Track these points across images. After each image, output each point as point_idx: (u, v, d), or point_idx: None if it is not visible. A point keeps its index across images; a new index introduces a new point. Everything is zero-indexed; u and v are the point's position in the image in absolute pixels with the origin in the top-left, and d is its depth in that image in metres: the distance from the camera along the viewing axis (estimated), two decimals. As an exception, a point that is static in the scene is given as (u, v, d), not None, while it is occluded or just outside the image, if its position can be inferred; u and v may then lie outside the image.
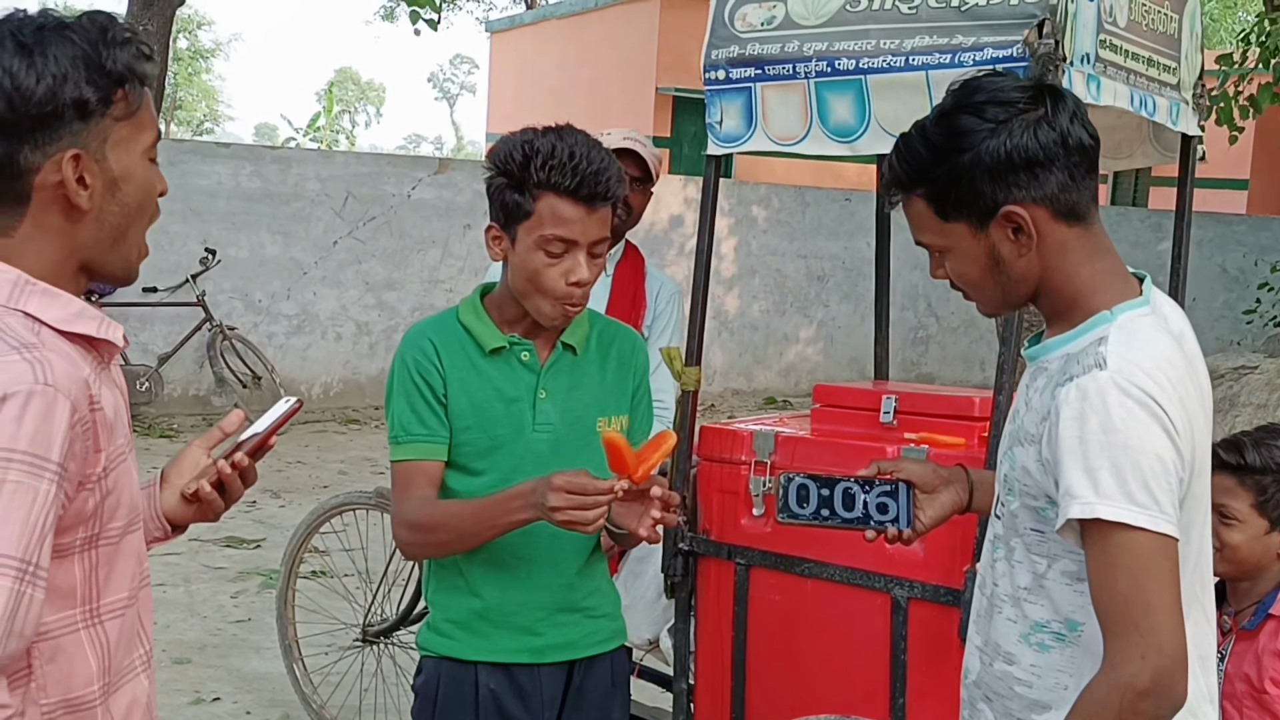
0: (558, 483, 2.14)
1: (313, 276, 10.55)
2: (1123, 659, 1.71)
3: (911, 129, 1.96)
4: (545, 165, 2.28)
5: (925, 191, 1.92)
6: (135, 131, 1.61)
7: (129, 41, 1.59)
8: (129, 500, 1.65)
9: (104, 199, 1.59)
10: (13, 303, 1.54)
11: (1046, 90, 1.88)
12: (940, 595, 2.94)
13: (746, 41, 3.23)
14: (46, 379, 1.46)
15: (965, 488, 2.24)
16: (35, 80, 1.51)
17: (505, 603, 2.45)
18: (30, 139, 1.52)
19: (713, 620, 3.31)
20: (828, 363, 13.18)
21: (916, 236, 1.99)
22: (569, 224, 2.31)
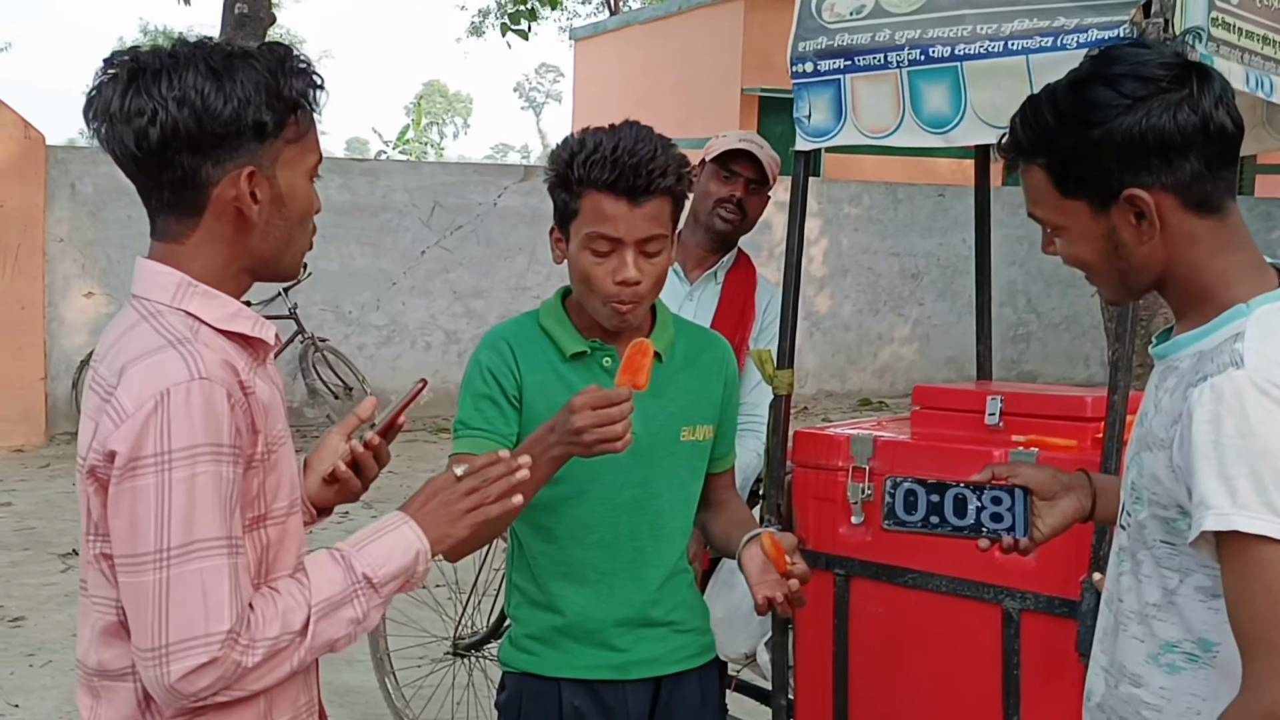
0: (579, 402, 2.05)
1: (401, 287, 10.59)
2: (1263, 683, 1.58)
3: (1041, 93, 1.82)
4: (586, 161, 2.23)
5: (1046, 162, 1.79)
6: (302, 153, 1.76)
7: (304, 71, 1.75)
8: (290, 482, 1.79)
9: (271, 213, 1.74)
10: (175, 302, 1.70)
11: (1193, 69, 1.73)
12: (1055, 607, 2.79)
13: (835, 32, 3.12)
14: (200, 371, 1.62)
15: (1088, 494, 2.10)
16: (223, 102, 1.66)
17: (587, 618, 2.37)
18: (213, 155, 1.68)
19: (811, 633, 3.19)
20: (924, 362, 12.96)
21: (1031, 208, 1.86)
22: (611, 220, 2.22)
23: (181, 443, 1.59)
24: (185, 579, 1.59)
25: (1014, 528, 2.04)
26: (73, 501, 8.06)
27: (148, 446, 1.58)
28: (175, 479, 1.58)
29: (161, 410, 1.59)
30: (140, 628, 1.61)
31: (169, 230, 1.74)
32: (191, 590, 1.59)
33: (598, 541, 2.35)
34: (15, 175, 9.47)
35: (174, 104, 1.65)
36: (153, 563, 1.59)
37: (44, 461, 9.21)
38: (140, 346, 1.66)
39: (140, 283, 1.75)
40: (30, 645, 5.50)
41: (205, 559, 1.60)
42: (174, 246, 1.73)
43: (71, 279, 9.82)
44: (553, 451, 2.11)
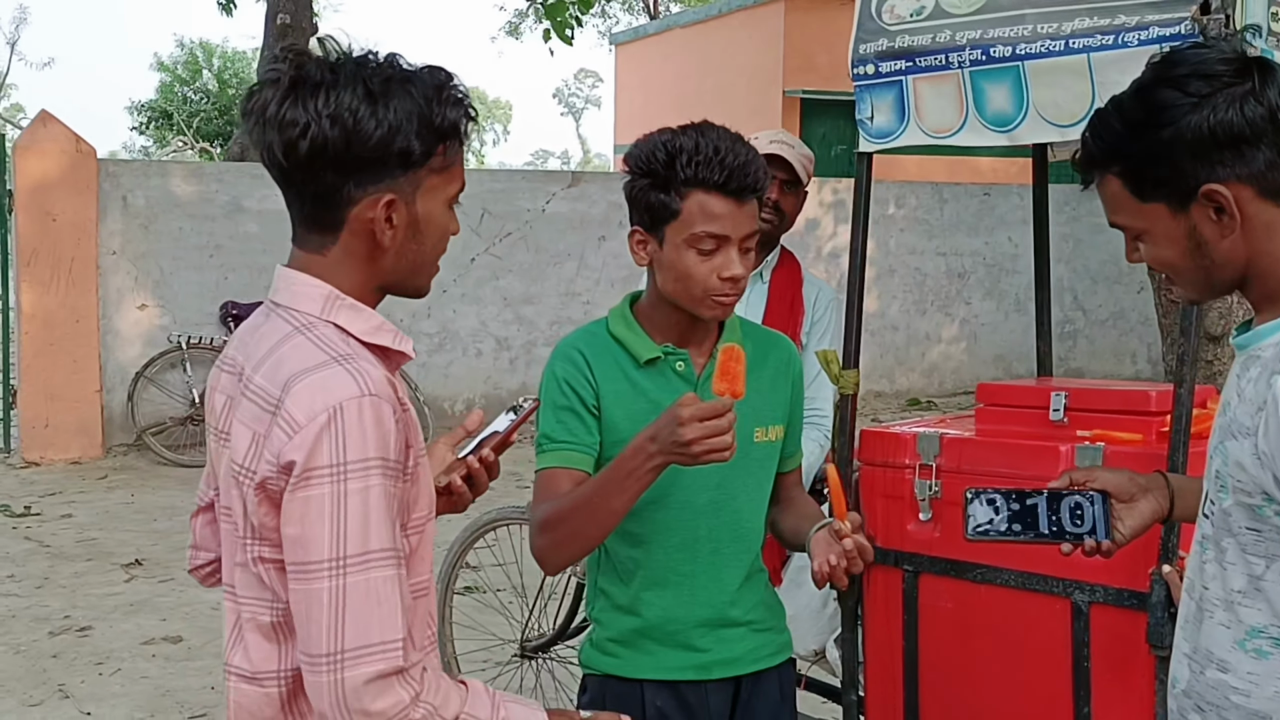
0: (687, 414, 2.05)
1: (452, 294, 10.66)
2: None
3: (1108, 104, 1.86)
4: (691, 162, 2.24)
5: (1121, 170, 1.83)
6: (445, 183, 1.77)
7: (459, 102, 1.75)
8: (428, 491, 1.83)
9: (405, 239, 1.76)
10: (326, 315, 1.73)
11: (1254, 63, 1.77)
12: (1125, 599, 2.80)
13: (896, 34, 3.15)
14: (370, 389, 1.65)
15: (1165, 495, 2.13)
16: (374, 126, 1.67)
17: (668, 620, 2.40)
18: (356, 177, 1.70)
19: (881, 630, 3.21)
20: (972, 361, 12.90)
21: (1111, 218, 1.89)
22: (720, 220, 2.26)
23: (356, 455, 1.61)
24: (361, 588, 1.61)
25: (1095, 531, 2.07)
26: (133, 513, 8.25)
27: (322, 457, 1.61)
28: (351, 490, 1.61)
29: (336, 424, 1.61)
30: (313, 634, 1.62)
31: (309, 241, 1.77)
32: (368, 599, 1.62)
33: (678, 544, 2.39)
34: (68, 189, 9.58)
35: (327, 121, 1.66)
36: (328, 571, 1.61)
37: (101, 473, 9.32)
38: (302, 360, 1.68)
39: (285, 292, 1.76)
40: (99, 654, 5.59)
41: (380, 569, 1.63)
42: (315, 258, 1.76)
43: (125, 292, 9.93)
44: (654, 461, 2.12)
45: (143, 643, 5.74)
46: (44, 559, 7.16)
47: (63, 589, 6.59)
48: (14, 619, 6.09)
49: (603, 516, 2.21)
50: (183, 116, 31.30)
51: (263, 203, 9.87)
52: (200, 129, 30.83)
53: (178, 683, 5.25)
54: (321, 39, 1.74)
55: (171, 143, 30.63)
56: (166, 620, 6.05)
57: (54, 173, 9.57)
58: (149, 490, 8.82)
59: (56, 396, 9.60)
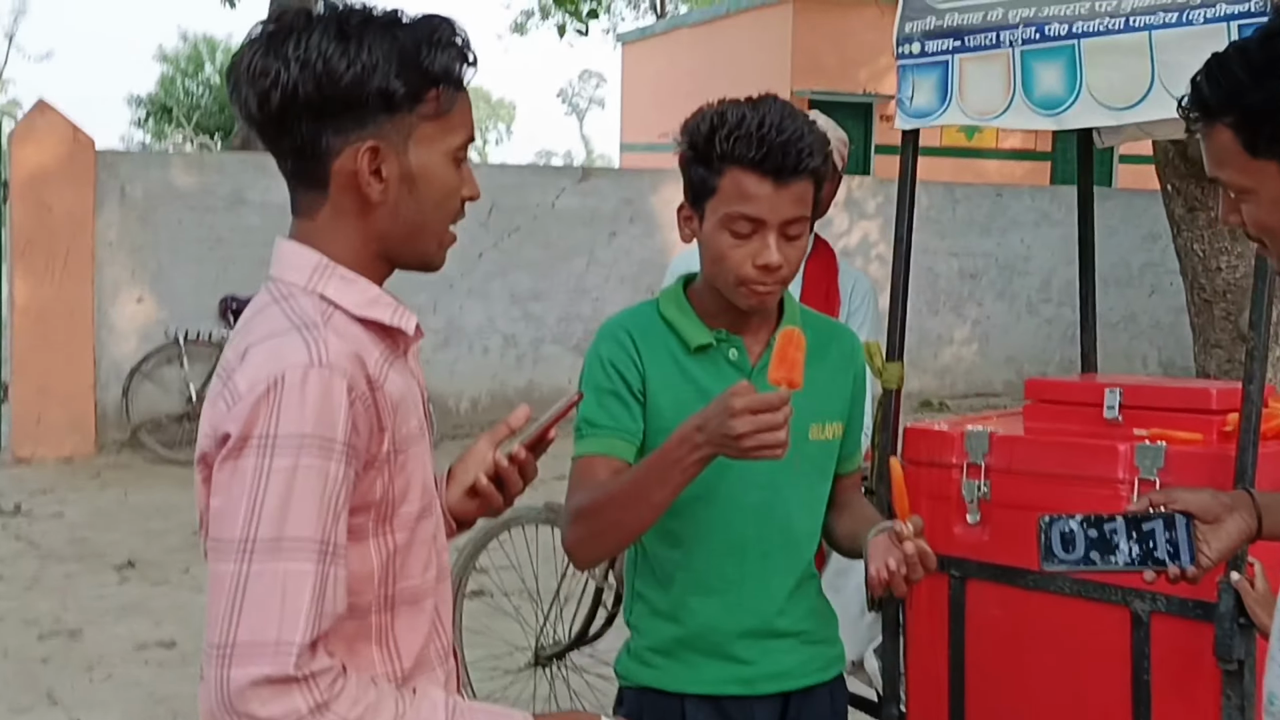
0: (739, 405, 1.87)
1: (458, 290, 10.50)
2: None
3: (1229, 48, 1.73)
4: (730, 136, 2.07)
5: (1234, 120, 1.68)
6: (443, 132, 1.63)
7: (452, 45, 1.62)
8: (422, 485, 1.67)
9: (399, 193, 1.62)
10: (312, 285, 1.60)
11: None
12: (1189, 610, 2.67)
13: (944, 12, 3.02)
14: (321, 358, 1.51)
15: (1252, 513, 1.99)
16: (345, 66, 1.55)
17: (713, 629, 2.23)
18: (334, 124, 1.58)
19: (925, 639, 3.07)
20: (984, 363, 12.77)
21: (1213, 171, 1.75)
22: (755, 201, 2.08)
23: (290, 429, 1.47)
24: (266, 577, 1.45)
25: (1179, 556, 1.94)
26: (126, 511, 8.09)
27: (255, 428, 1.47)
28: (275, 466, 1.46)
29: (274, 393, 1.48)
30: (212, 620, 1.46)
31: (301, 204, 1.65)
32: (270, 591, 1.45)
33: (724, 547, 2.22)
34: (65, 179, 9.39)
35: (296, 65, 1.55)
36: (236, 552, 1.46)
37: (94, 471, 9.13)
38: (266, 329, 1.56)
39: (278, 263, 1.65)
40: (90, 658, 5.42)
41: (293, 560, 1.46)
42: (307, 223, 1.64)
43: (121, 285, 9.75)
44: (701, 452, 1.96)
45: (135, 647, 5.57)
46: (33, 559, 6.98)
47: (53, 590, 6.40)
48: (2, 622, 5.91)
49: (642, 509, 2.04)
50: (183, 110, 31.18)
51: (266, 194, 9.70)
52: (200, 123, 30.72)
53: (171, 689, 5.06)
54: None
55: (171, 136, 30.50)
56: (160, 624, 5.87)
57: (50, 163, 9.39)
58: (143, 489, 8.62)
59: (49, 391, 9.40)
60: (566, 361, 10.86)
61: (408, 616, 1.66)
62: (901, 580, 2.03)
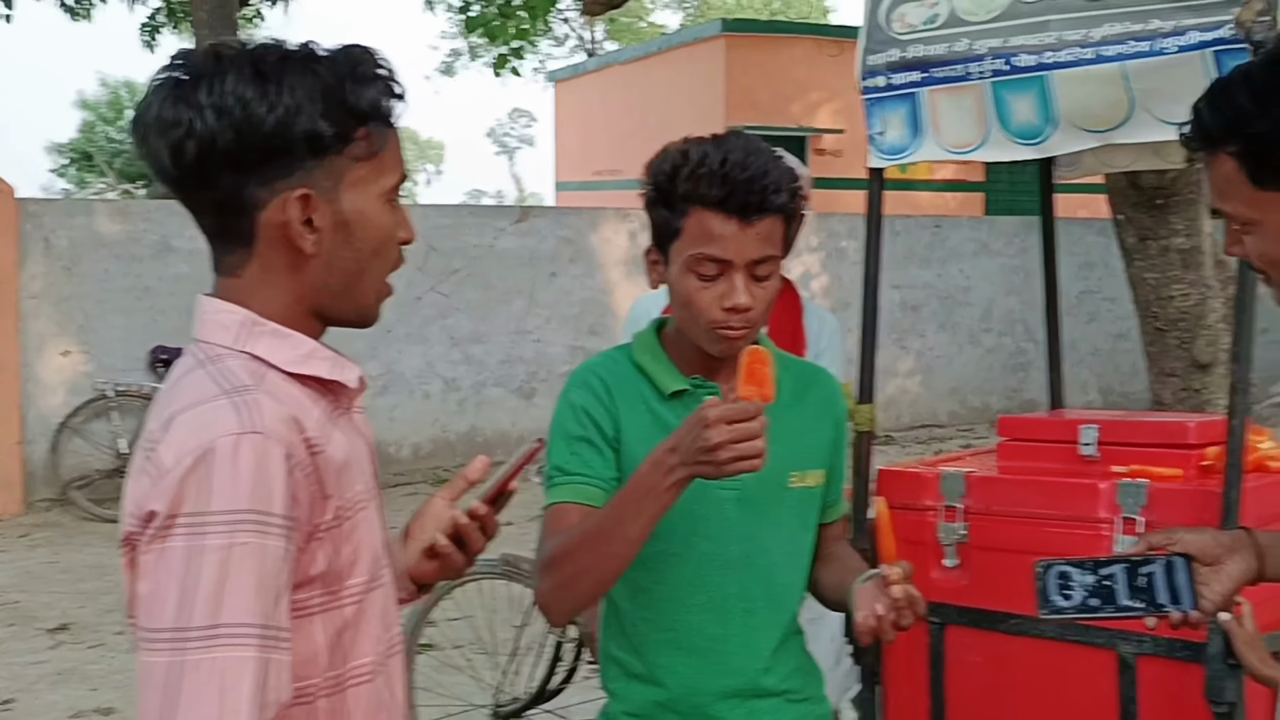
0: (714, 415, 1.78)
1: (396, 334, 10.35)
2: None
3: (1233, 73, 1.67)
4: (692, 175, 1.99)
5: (1239, 150, 1.63)
6: (375, 173, 1.52)
7: (379, 78, 1.51)
8: (371, 552, 1.55)
9: (333, 243, 1.50)
10: (239, 344, 1.48)
11: None
12: (1177, 651, 2.60)
13: (908, 44, 2.95)
14: (254, 425, 1.38)
15: (1254, 553, 1.93)
16: (267, 110, 1.43)
17: (694, 691, 2.11)
18: (258, 173, 1.45)
19: (904, 687, 2.98)
20: (928, 395, 12.83)
21: (1217, 202, 1.70)
22: (720, 241, 1.99)
23: (223, 505, 1.34)
24: (202, 668, 1.32)
25: (1180, 600, 1.88)
26: (58, 573, 7.85)
27: (184, 506, 1.34)
28: (209, 546, 1.33)
29: (204, 467, 1.35)
30: (144, 715, 1.34)
31: (224, 262, 1.52)
32: (207, 684, 1.32)
33: (705, 603, 2.11)
34: (-14, 230, 9.19)
35: (211, 113, 1.42)
36: (168, 642, 1.33)
37: (22, 530, 8.87)
38: (192, 396, 1.42)
39: (201, 324, 1.51)
40: (22, 729, 5.23)
41: (231, 648, 1.33)
42: (231, 281, 1.51)
43: (47, 337, 9.51)
44: (676, 475, 1.85)
45: (71, 716, 5.38)
46: (-38, 624, 6.74)
47: (-17, 657, 6.19)
48: (-69, 692, 5.69)
49: (617, 546, 1.92)
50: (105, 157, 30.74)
51: (194, 241, 9.38)
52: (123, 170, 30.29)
53: (113, 759, 4.87)
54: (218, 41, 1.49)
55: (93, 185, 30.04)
56: (97, 690, 5.66)
57: (-30, 213, 9.17)
58: (74, 548, 8.38)
59: (-26, 449, 9.15)
60: (509, 404, 10.73)
61: (359, 699, 1.54)
62: (889, 627, 1.94)
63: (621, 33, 34.88)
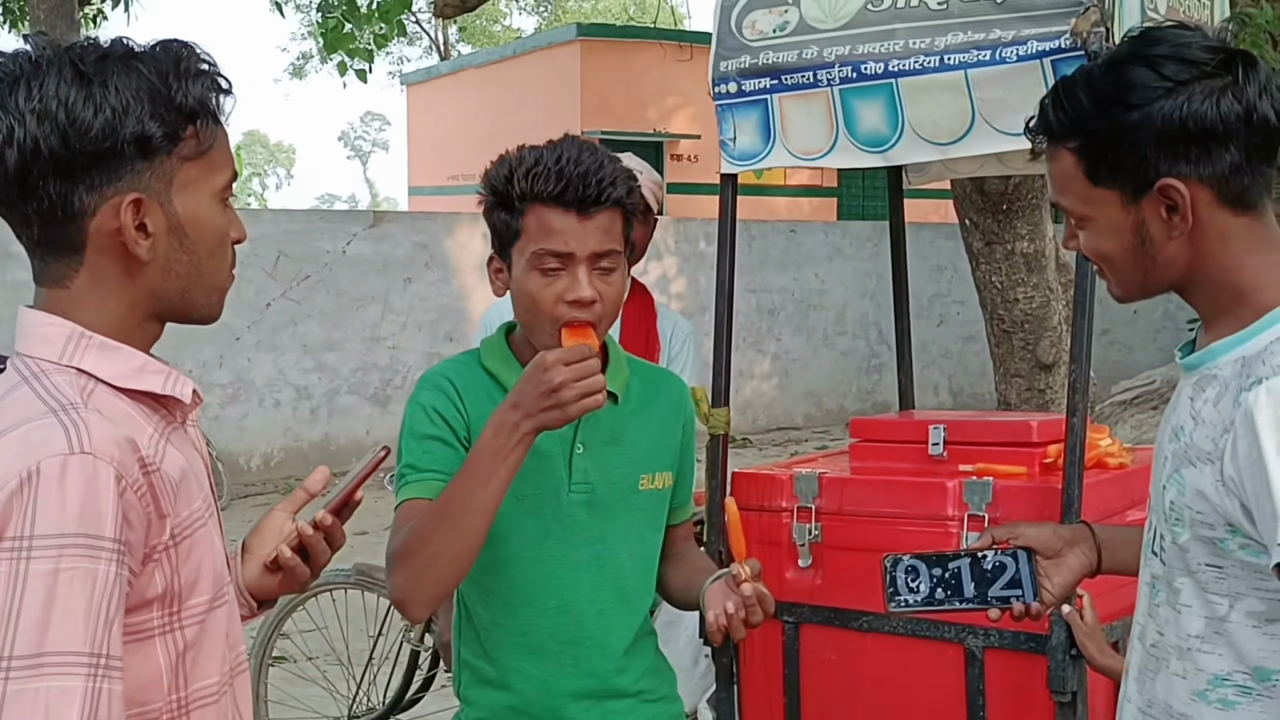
0: (551, 358, 1.87)
1: (246, 342, 10.13)
2: None
3: (1076, 73, 1.71)
4: (528, 174, 2.03)
5: (1078, 146, 1.68)
6: (206, 172, 1.48)
7: (204, 73, 1.47)
8: (212, 570, 1.50)
9: (169, 247, 1.46)
10: (65, 359, 1.42)
11: (1238, 55, 1.64)
12: (1022, 643, 2.68)
13: (759, 50, 2.98)
14: (83, 445, 1.33)
15: (1093, 547, 2.01)
16: (93, 113, 1.38)
17: (547, 694, 2.12)
18: (85, 179, 1.40)
19: (760, 687, 3.02)
20: (784, 397, 13.01)
21: (1056, 197, 1.75)
22: (559, 235, 2.02)
23: (48, 529, 1.28)
24: (24, 699, 1.25)
25: (1023, 592, 1.95)
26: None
27: (7, 530, 1.28)
28: (33, 571, 1.27)
29: (28, 490, 1.29)
30: None
31: (49, 273, 1.45)
32: (30, 717, 1.25)
33: (557, 606, 2.12)
34: None
35: (33, 118, 1.37)
36: None
37: None
38: (16, 414, 1.36)
39: (24, 338, 1.44)
40: None
41: (56, 678, 1.27)
42: (58, 292, 1.44)
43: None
44: (521, 430, 1.88)
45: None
46: None
47: None
48: None
49: (470, 519, 1.92)
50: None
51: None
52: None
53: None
54: (27, 36, 1.43)
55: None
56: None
57: None
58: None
59: None
60: (364, 413, 10.59)
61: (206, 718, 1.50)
62: (740, 624, 1.98)
63: (476, 36, 34.70)
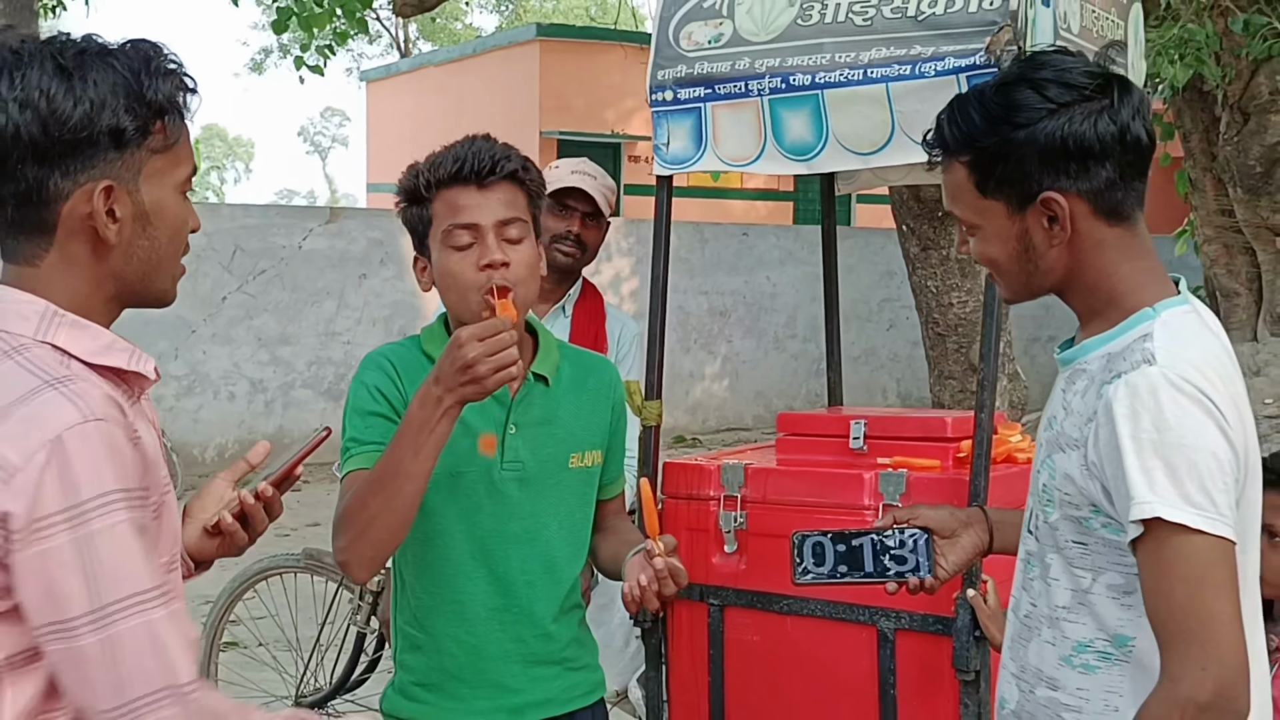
0: (465, 334, 2.00)
1: (202, 334, 10.19)
2: (1182, 672, 1.64)
3: (970, 92, 1.89)
4: (429, 165, 2.25)
5: (969, 160, 1.85)
6: (171, 165, 1.60)
7: (172, 72, 1.58)
8: (172, 534, 1.64)
9: (133, 233, 1.58)
10: (41, 335, 1.53)
11: (1115, 80, 1.81)
12: (930, 625, 2.83)
13: (694, 61, 3.12)
14: (93, 413, 1.46)
15: (985, 528, 2.19)
16: (72, 105, 1.49)
17: (478, 658, 2.28)
18: (61, 166, 1.51)
19: (686, 666, 3.15)
20: (734, 398, 13.15)
21: (950, 205, 1.92)
22: (465, 209, 2.21)
23: (91, 492, 1.43)
24: (128, 636, 1.44)
25: (919, 569, 2.13)
26: None
27: (50, 503, 1.42)
28: (93, 531, 1.43)
29: (58, 461, 1.42)
30: (95, 692, 1.46)
31: (19, 251, 1.56)
32: (143, 645, 1.45)
33: (487, 576, 2.28)
34: None
35: (15, 106, 1.48)
36: (90, 625, 1.44)
37: None
38: (14, 388, 1.47)
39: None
40: None
41: (143, 612, 1.46)
42: (27, 270, 1.56)
43: None
44: (444, 404, 2.03)
45: None
46: None
47: None
48: None
49: (404, 484, 2.07)
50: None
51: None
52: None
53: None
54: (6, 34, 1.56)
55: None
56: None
57: None
58: None
59: None
60: (318, 406, 10.66)
61: None
62: (653, 595, 2.14)
63: (436, 33, 34.67)
